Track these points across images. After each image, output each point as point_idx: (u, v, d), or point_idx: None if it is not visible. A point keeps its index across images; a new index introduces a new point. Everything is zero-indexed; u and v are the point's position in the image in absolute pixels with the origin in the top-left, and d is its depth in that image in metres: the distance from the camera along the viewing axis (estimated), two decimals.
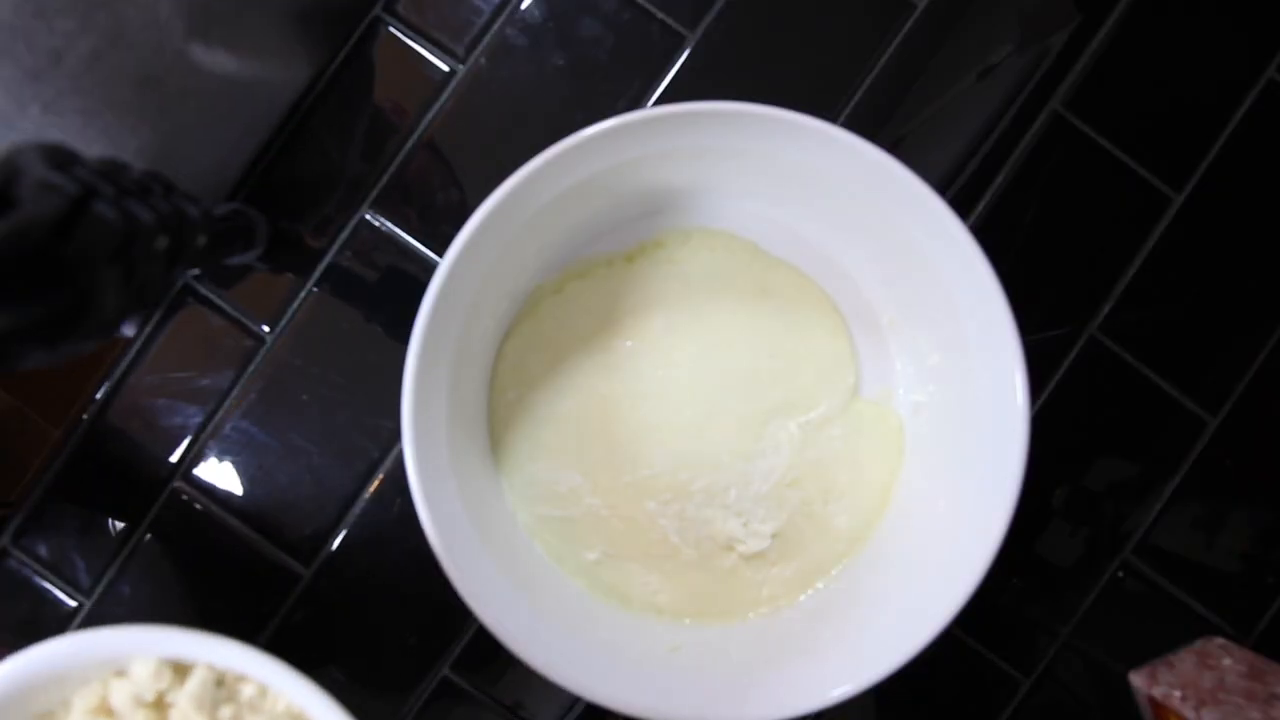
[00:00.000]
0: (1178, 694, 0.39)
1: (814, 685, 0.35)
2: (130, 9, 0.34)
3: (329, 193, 0.44)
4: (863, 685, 0.34)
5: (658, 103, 0.44)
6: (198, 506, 0.43)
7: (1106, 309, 0.44)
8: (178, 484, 0.44)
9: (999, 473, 0.35)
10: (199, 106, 0.40)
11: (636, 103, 0.44)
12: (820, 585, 0.40)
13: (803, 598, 0.40)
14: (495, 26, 0.44)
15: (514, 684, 0.43)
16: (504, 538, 0.39)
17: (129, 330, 0.44)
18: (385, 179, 0.43)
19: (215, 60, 0.39)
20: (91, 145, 0.36)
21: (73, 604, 0.43)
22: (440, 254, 0.44)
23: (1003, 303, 0.34)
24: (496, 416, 0.41)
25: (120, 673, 0.34)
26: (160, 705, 0.34)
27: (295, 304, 0.44)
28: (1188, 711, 0.38)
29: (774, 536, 0.40)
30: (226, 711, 0.33)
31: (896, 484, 0.40)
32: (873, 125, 0.44)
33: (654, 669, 0.36)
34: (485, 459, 0.40)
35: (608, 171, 0.36)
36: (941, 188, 0.42)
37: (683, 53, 0.44)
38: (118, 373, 0.44)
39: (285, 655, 0.33)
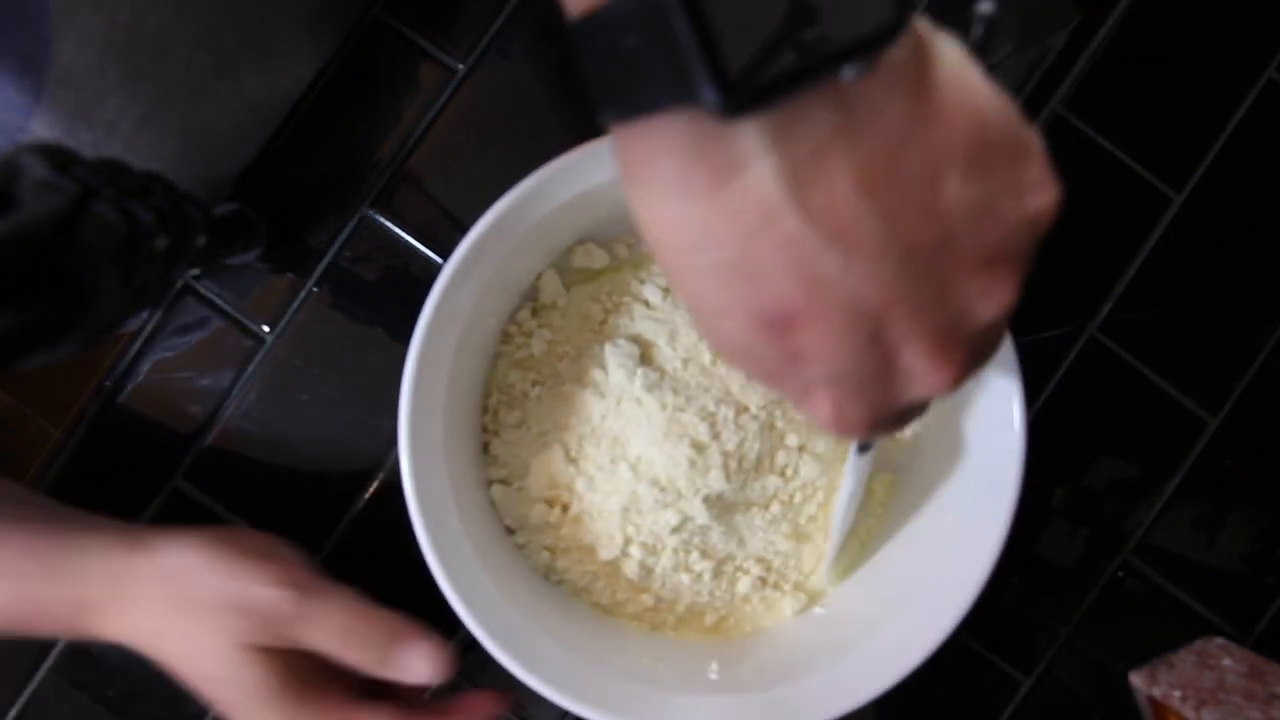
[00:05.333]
0: (1178, 694, 0.39)
1: (805, 701, 0.35)
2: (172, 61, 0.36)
3: (329, 193, 0.44)
4: (855, 705, 0.35)
5: None
6: (197, 506, 0.43)
7: (1106, 309, 0.44)
8: (178, 483, 0.44)
9: (994, 496, 0.35)
10: (213, 125, 0.41)
11: None
12: (816, 609, 0.40)
13: (794, 618, 0.40)
14: (495, 26, 0.44)
15: (511, 686, 0.43)
16: (498, 544, 0.39)
17: (132, 325, 0.44)
18: (385, 179, 0.43)
19: (241, 85, 0.40)
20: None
21: None
22: (440, 254, 0.44)
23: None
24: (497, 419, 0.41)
25: None
26: None
27: (295, 304, 0.44)
28: (1188, 711, 0.38)
29: (770, 552, 0.40)
30: None
31: (890, 509, 0.40)
32: None
33: (640, 683, 0.36)
34: (481, 463, 0.40)
35: (614, 181, 0.36)
36: None
37: None
38: (117, 373, 0.44)
39: None
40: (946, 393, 0.21)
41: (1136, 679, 0.42)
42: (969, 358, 0.21)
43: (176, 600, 0.32)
